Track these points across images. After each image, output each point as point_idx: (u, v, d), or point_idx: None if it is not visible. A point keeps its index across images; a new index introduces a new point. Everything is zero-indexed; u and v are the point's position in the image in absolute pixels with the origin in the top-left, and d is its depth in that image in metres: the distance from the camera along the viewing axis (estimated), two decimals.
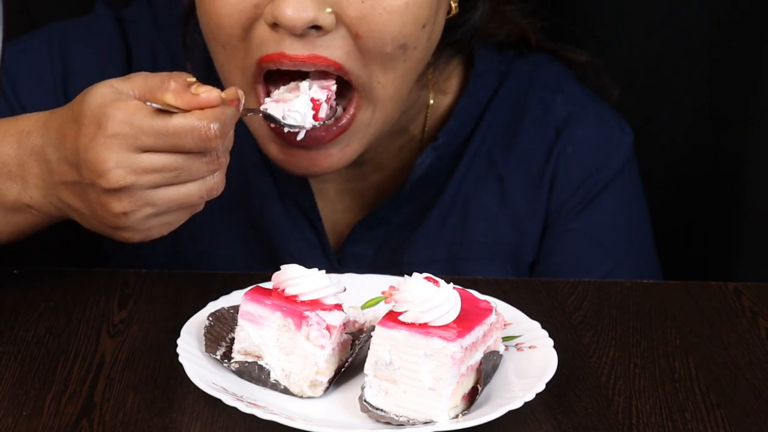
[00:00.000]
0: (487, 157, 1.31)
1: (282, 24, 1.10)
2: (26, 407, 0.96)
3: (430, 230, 1.31)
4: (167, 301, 1.13)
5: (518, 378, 0.99)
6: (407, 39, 1.14)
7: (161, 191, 1.02)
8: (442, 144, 1.29)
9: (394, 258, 1.31)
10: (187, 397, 0.97)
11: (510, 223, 1.31)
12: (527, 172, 1.32)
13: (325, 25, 1.11)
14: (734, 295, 1.18)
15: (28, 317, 1.09)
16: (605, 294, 1.17)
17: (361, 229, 1.30)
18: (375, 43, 1.12)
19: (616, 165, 1.32)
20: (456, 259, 1.31)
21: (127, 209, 1.02)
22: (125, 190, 1.01)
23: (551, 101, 1.33)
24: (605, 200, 1.32)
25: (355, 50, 1.13)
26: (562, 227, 1.32)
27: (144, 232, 1.04)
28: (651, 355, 1.07)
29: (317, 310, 0.97)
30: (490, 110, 1.31)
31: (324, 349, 0.97)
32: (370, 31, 1.12)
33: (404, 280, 0.95)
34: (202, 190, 1.03)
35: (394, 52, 1.14)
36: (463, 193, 1.31)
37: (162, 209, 1.03)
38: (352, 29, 1.12)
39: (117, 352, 1.04)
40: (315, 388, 0.97)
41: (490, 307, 0.98)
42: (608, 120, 1.34)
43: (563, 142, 1.32)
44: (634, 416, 0.97)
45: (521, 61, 1.34)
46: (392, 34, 1.12)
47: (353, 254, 1.30)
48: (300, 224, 1.30)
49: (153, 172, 1.01)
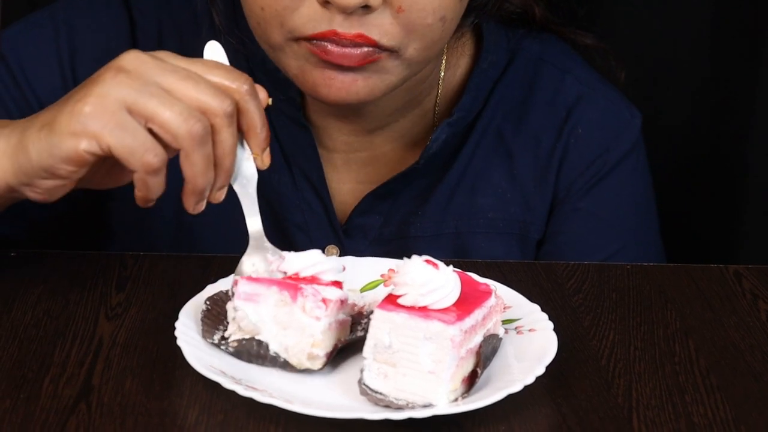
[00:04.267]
0: (496, 133, 1.33)
1: (334, 2, 1.12)
2: (24, 390, 0.95)
3: (438, 204, 1.32)
4: (165, 283, 1.12)
5: (518, 361, 0.99)
6: (446, 11, 1.16)
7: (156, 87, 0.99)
8: (456, 120, 1.30)
9: (401, 230, 1.31)
10: (185, 380, 0.97)
11: (518, 200, 1.32)
12: (536, 151, 1.33)
13: (374, 5, 1.13)
14: (734, 278, 1.18)
15: (25, 300, 1.09)
16: (605, 277, 1.17)
17: (370, 200, 1.31)
18: (417, 15, 1.15)
19: (624, 146, 1.33)
20: (463, 234, 1.32)
21: (119, 78, 0.98)
22: (130, 69, 0.99)
23: (561, 81, 1.34)
24: (613, 181, 1.33)
25: (396, 26, 1.15)
26: (570, 206, 1.33)
27: (108, 115, 0.98)
28: (651, 338, 1.07)
29: (314, 284, 0.97)
30: (499, 87, 1.33)
31: (320, 320, 0.96)
32: (414, 4, 1.14)
33: (403, 262, 0.95)
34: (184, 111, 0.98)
35: (434, 23, 1.16)
36: (472, 169, 1.32)
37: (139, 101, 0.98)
38: (395, 5, 1.14)
39: (115, 334, 1.04)
40: (313, 361, 0.97)
41: (490, 290, 0.98)
42: (617, 102, 1.35)
43: (573, 122, 1.33)
44: (634, 399, 0.97)
45: (530, 40, 1.35)
46: (433, 6, 1.15)
47: (360, 225, 1.31)
48: (306, 194, 1.31)
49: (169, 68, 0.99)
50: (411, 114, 1.31)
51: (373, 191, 1.30)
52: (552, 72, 1.34)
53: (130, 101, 0.98)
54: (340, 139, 1.31)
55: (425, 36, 1.17)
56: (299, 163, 1.30)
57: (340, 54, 1.15)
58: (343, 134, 1.31)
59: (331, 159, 1.32)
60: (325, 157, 1.31)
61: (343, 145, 1.32)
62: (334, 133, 1.31)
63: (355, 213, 1.31)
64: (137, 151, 0.99)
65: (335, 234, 1.30)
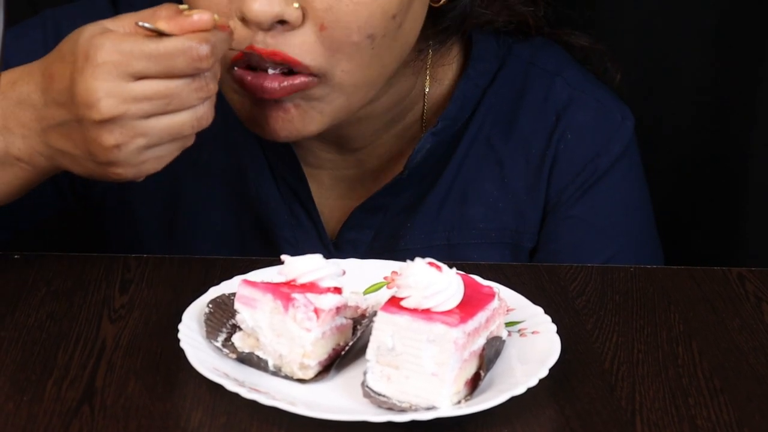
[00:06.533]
0: (485, 141, 1.30)
1: (249, 18, 1.10)
2: (27, 392, 0.95)
3: (428, 216, 1.30)
4: (168, 286, 1.12)
5: (521, 364, 0.99)
6: (374, 29, 1.12)
7: (153, 121, 1.02)
8: (441, 129, 1.27)
9: (392, 244, 1.30)
10: (188, 382, 0.97)
11: (510, 209, 1.31)
12: (527, 157, 1.31)
13: (291, 20, 1.10)
14: (738, 281, 1.18)
15: (28, 302, 1.09)
16: (608, 279, 1.17)
17: (359, 214, 1.29)
18: (341, 33, 1.11)
19: (615, 151, 1.31)
20: (455, 246, 1.30)
21: (120, 141, 1.02)
22: (117, 121, 1.01)
23: (551, 85, 1.32)
24: (604, 186, 1.31)
25: (319, 45, 1.12)
26: (562, 214, 1.31)
27: (137, 166, 1.04)
28: (654, 341, 1.06)
29: (309, 292, 0.97)
30: (488, 94, 1.30)
31: (310, 332, 0.96)
32: (336, 21, 1.10)
33: (407, 265, 0.95)
34: (193, 119, 1.03)
35: (360, 41, 1.12)
36: (461, 178, 1.30)
37: (154, 140, 1.03)
38: (317, 21, 1.11)
39: (118, 337, 1.04)
40: (305, 371, 0.97)
41: (493, 293, 0.98)
42: (609, 105, 1.33)
43: (563, 127, 1.31)
44: (638, 401, 0.97)
45: (520, 45, 1.33)
46: (358, 23, 1.11)
47: (350, 240, 1.30)
48: (295, 209, 1.30)
49: (144, 100, 1.01)
50: (396, 129, 1.29)
51: (361, 205, 1.29)
52: (541, 75, 1.32)
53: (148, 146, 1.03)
54: (325, 157, 1.30)
55: (353, 56, 1.13)
56: (286, 179, 1.29)
57: (256, 84, 1.12)
58: (328, 153, 1.29)
59: (317, 176, 1.30)
60: (312, 174, 1.30)
61: (328, 164, 1.30)
62: (318, 152, 1.29)
63: (345, 228, 1.30)
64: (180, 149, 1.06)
65: (325, 248, 1.29)
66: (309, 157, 1.30)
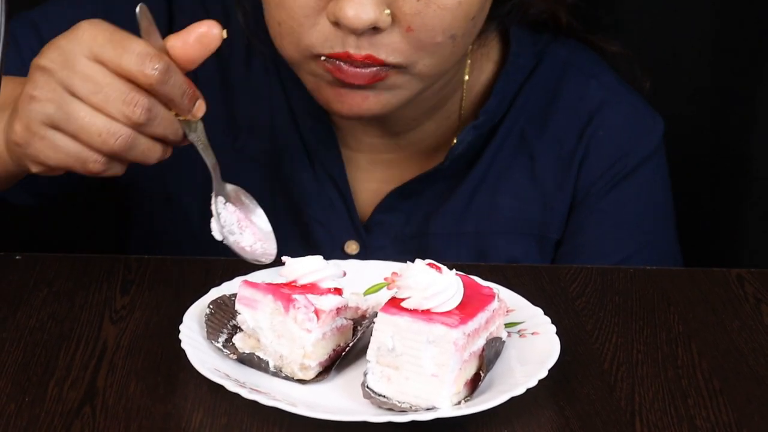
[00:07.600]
0: (520, 135, 1.34)
1: (344, 24, 1.14)
2: (29, 393, 0.96)
3: (459, 204, 1.33)
4: (169, 286, 1.13)
5: (521, 364, 0.99)
6: (456, 30, 1.18)
7: (72, 100, 1.02)
8: (481, 123, 1.32)
9: (422, 228, 1.33)
10: (189, 383, 0.97)
11: (538, 201, 1.34)
12: (558, 153, 1.34)
13: (383, 27, 1.15)
14: (737, 282, 1.18)
15: (30, 303, 1.09)
16: (608, 280, 1.17)
17: (393, 198, 1.32)
18: (426, 35, 1.16)
19: (645, 151, 1.35)
20: (482, 234, 1.33)
21: (36, 93, 1.02)
22: (47, 73, 1.02)
23: (586, 86, 1.36)
24: (632, 184, 1.35)
25: (404, 44, 1.17)
26: (588, 208, 1.34)
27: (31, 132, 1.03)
28: (654, 342, 1.07)
29: (310, 293, 0.97)
30: (525, 90, 1.35)
31: (311, 333, 0.97)
32: (423, 25, 1.16)
33: (407, 266, 0.95)
34: (103, 130, 1.02)
35: (444, 41, 1.18)
36: (494, 169, 1.34)
37: (61, 117, 1.02)
38: (404, 24, 1.15)
39: (119, 338, 1.04)
40: (305, 371, 0.97)
41: (493, 294, 0.98)
42: (640, 108, 1.37)
43: (595, 125, 1.34)
44: (637, 402, 0.97)
45: (556, 45, 1.37)
46: (443, 26, 1.17)
47: (381, 223, 1.33)
48: (328, 191, 1.32)
49: (80, 75, 1.01)
50: (435, 117, 1.33)
51: (397, 189, 1.32)
52: (577, 77, 1.36)
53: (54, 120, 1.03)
54: (365, 140, 1.33)
55: (435, 53, 1.18)
56: (322, 161, 1.32)
57: (352, 74, 1.17)
58: (369, 136, 1.33)
59: (355, 159, 1.34)
60: (350, 157, 1.34)
61: (368, 147, 1.34)
62: (360, 135, 1.33)
63: (377, 210, 1.33)
64: (77, 163, 1.04)
65: (356, 230, 1.32)
66: (349, 140, 1.33)
